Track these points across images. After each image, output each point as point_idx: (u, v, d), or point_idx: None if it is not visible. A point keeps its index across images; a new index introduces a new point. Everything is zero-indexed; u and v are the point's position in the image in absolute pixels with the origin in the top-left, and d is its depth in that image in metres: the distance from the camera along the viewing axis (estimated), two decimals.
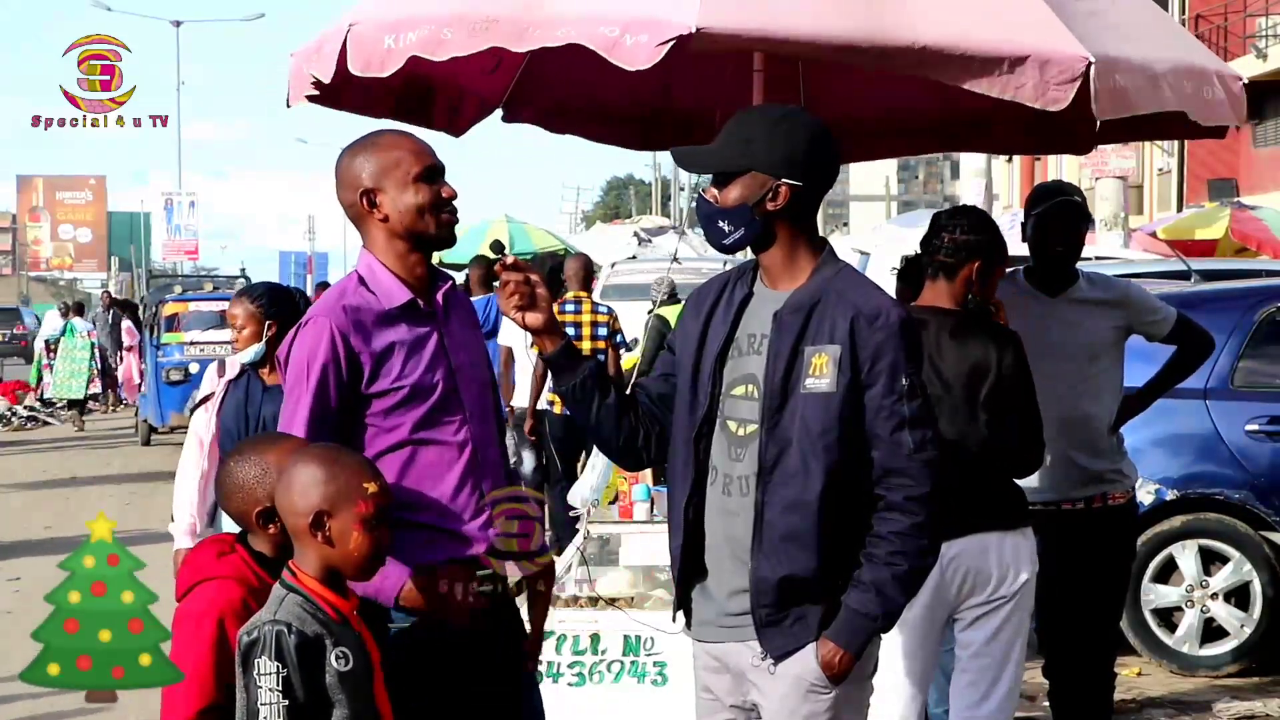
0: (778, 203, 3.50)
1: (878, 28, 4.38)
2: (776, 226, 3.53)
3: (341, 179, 3.67)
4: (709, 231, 3.60)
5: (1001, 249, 4.85)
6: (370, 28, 4.63)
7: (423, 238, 3.65)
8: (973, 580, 4.65)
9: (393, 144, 3.66)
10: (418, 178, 3.60)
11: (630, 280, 18.11)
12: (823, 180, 3.58)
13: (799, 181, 3.50)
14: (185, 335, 19.96)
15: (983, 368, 4.65)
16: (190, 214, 43.06)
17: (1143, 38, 4.89)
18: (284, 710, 2.97)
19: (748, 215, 3.52)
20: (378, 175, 3.62)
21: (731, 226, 3.55)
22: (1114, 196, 21.37)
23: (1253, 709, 6.97)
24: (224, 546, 3.35)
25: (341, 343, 3.54)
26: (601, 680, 5.34)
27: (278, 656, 2.98)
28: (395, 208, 3.61)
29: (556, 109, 6.17)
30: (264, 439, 3.57)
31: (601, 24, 4.30)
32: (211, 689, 3.13)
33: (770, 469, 3.45)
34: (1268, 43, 26.51)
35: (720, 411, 3.55)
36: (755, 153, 3.51)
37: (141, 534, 10.83)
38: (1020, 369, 4.67)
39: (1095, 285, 5.34)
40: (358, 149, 3.67)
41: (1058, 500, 5.13)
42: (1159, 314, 5.40)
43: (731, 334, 3.57)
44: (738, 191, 3.52)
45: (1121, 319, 5.31)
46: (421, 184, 3.61)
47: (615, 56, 4.27)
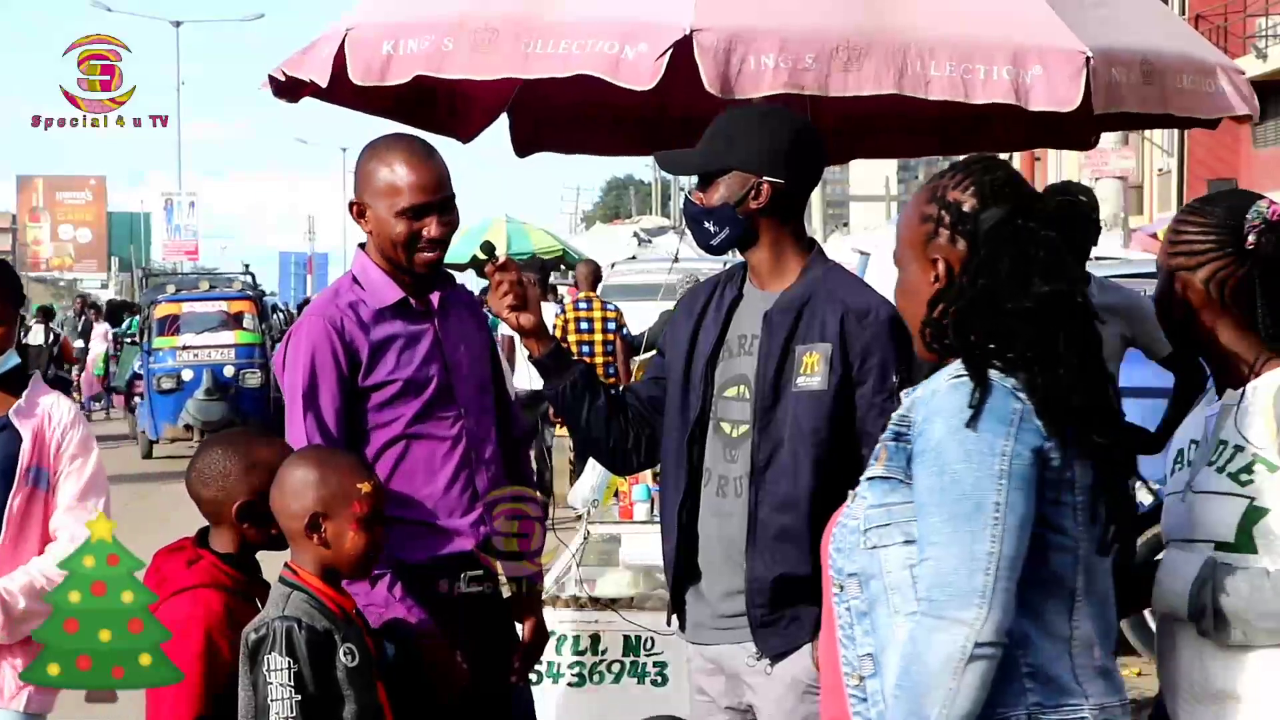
0: (760, 201, 3.50)
1: (877, 28, 4.38)
2: (760, 225, 3.53)
3: (355, 176, 3.71)
4: (696, 233, 3.61)
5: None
6: (368, 32, 4.55)
7: (397, 265, 3.66)
8: None
9: (399, 167, 3.62)
10: (402, 212, 3.59)
11: (630, 280, 18.11)
12: (807, 178, 3.58)
13: (781, 179, 3.50)
14: (179, 339, 18.34)
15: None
16: (190, 214, 43.07)
17: (1144, 31, 4.87)
18: (296, 705, 2.98)
19: (731, 214, 3.52)
20: (374, 192, 3.63)
21: (716, 227, 3.55)
22: (1114, 196, 21.39)
23: None
24: (189, 554, 3.31)
25: (337, 336, 3.55)
26: (601, 680, 5.34)
27: (288, 651, 2.99)
28: (377, 229, 3.64)
29: (562, 126, 6.13)
30: (240, 433, 3.56)
31: (599, 37, 4.27)
32: (201, 701, 3.12)
33: (763, 469, 3.46)
34: (1268, 43, 26.51)
35: (713, 413, 3.55)
36: (736, 151, 3.51)
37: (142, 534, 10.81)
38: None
39: (1106, 291, 5.29)
40: (373, 154, 3.68)
41: None
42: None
43: (722, 335, 3.57)
44: (721, 191, 3.53)
45: (1126, 328, 5.26)
46: (404, 219, 3.59)
47: (620, 78, 4.25)
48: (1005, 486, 2.39)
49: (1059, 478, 2.46)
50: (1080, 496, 2.48)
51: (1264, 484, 2.65)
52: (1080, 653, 2.51)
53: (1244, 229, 2.69)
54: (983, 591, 2.36)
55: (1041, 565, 2.45)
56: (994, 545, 2.38)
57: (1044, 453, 2.43)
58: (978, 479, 2.39)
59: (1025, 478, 2.41)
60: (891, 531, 2.53)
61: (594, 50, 4.29)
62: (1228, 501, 2.69)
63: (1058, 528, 2.48)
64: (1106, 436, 2.48)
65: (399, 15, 4.64)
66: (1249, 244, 2.69)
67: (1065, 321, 2.49)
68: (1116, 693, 2.54)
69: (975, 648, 2.36)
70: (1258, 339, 2.74)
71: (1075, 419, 2.45)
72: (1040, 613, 2.48)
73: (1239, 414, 2.72)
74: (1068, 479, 2.47)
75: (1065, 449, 2.46)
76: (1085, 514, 2.49)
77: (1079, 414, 2.46)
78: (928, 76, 4.32)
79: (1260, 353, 2.74)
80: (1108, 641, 2.58)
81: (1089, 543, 2.52)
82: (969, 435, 2.42)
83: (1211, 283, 2.72)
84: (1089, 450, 2.48)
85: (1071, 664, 2.50)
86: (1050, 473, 2.45)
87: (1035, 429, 2.44)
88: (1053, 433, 2.44)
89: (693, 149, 3.63)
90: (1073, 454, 2.47)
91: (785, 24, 4.35)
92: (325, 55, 4.60)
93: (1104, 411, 2.50)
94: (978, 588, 2.37)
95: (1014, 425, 2.42)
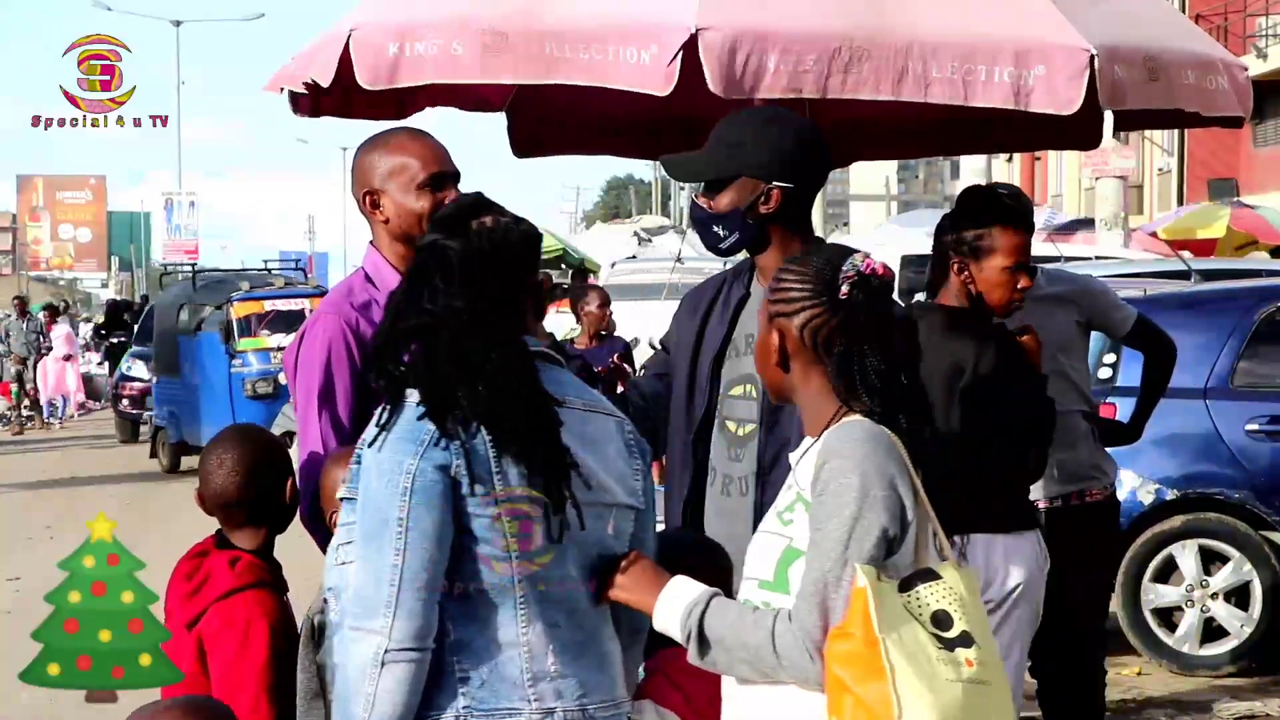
0: (770, 205, 3.51)
1: (877, 27, 4.37)
2: (770, 229, 3.54)
3: (354, 174, 3.65)
4: (704, 236, 3.61)
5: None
6: (371, 34, 4.50)
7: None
8: None
9: (404, 146, 3.60)
10: (423, 184, 3.54)
11: (630, 280, 18.09)
12: (813, 180, 3.59)
13: (790, 183, 3.51)
14: (269, 340, 16.54)
15: (959, 366, 4.61)
16: (190, 214, 43.06)
17: (1147, 27, 4.85)
18: None
19: (741, 219, 3.52)
20: (384, 176, 3.58)
21: (726, 231, 3.56)
22: (1114, 196, 21.38)
23: (1253, 709, 6.97)
24: (227, 554, 3.34)
25: (352, 335, 3.53)
26: None
27: None
28: (396, 212, 3.57)
29: (561, 126, 6.12)
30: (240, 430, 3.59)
31: (610, 42, 4.25)
32: (274, 700, 3.16)
33: (769, 468, 3.46)
34: (1268, 43, 26.52)
35: (718, 412, 3.55)
36: (744, 157, 3.52)
37: (142, 534, 10.82)
38: (1001, 366, 4.62)
39: (1053, 281, 5.31)
40: (372, 145, 3.64)
41: (1034, 499, 5.12)
42: (1120, 310, 5.37)
43: (729, 335, 3.57)
44: (730, 197, 3.53)
45: (1080, 313, 5.27)
46: (426, 190, 3.55)
47: (638, 83, 4.24)
48: (407, 502, 2.54)
49: (485, 492, 2.58)
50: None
51: (800, 525, 2.68)
52: (531, 658, 2.63)
53: (839, 280, 2.74)
54: (389, 601, 2.52)
55: (475, 575, 2.59)
56: (397, 558, 2.53)
57: (454, 470, 2.56)
58: (386, 496, 2.55)
59: (430, 493, 2.54)
60: (352, 549, 2.66)
61: (611, 57, 4.25)
62: (773, 540, 2.74)
63: (484, 539, 2.59)
64: (519, 445, 2.60)
65: (401, 17, 4.60)
66: (842, 294, 2.74)
67: (449, 339, 2.62)
68: (574, 697, 2.66)
69: (386, 654, 2.52)
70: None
71: (489, 430, 2.58)
72: (484, 619, 2.62)
73: (803, 460, 2.75)
74: (492, 492, 2.58)
75: (495, 461, 2.58)
76: (517, 524, 2.59)
77: (489, 424, 2.58)
78: (929, 78, 4.30)
79: (840, 404, 2.75)
80: (575, 648, 2.68)
81: (543, 552, 2.63)
82: (381, 455, 2.59)
83: (805, 330, 2.75)
84: (523, 459, 2.60)
85: (521, 669, 2.63)
86: (471, 487, 2.57)
87: (455, 447, 2.57)
88: (463, 447, 2.57)
89: (699, 154, 3.63)
90: (507, 465, 2.59)
91: (788, 24, 4.34)
92: (331, 61, 4.56)
93: (512, 420, 2.60)
94: (384, 599, 2.53)
95: (423, 445, 2.56)
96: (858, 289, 2.73)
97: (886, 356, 2.74)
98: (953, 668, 2.53)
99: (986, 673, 2.57)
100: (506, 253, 2.72)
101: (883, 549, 2.58)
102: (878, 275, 2.76)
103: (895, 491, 2.60)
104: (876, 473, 2.60)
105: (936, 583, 2.61)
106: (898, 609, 2.55)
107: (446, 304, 2.64)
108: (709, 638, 2.64)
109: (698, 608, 2.66)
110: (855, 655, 2.50)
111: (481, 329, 2.64)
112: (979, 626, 2.62)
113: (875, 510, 2.58)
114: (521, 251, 2.75)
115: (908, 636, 2.52)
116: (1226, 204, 20.06)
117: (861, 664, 2.50)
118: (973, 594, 2.66)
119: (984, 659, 2.58)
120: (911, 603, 2.57)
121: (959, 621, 2.59)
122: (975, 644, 2.58)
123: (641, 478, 2.83)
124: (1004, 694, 2.62)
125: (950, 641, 2.57)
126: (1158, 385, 5.56)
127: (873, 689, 2.48)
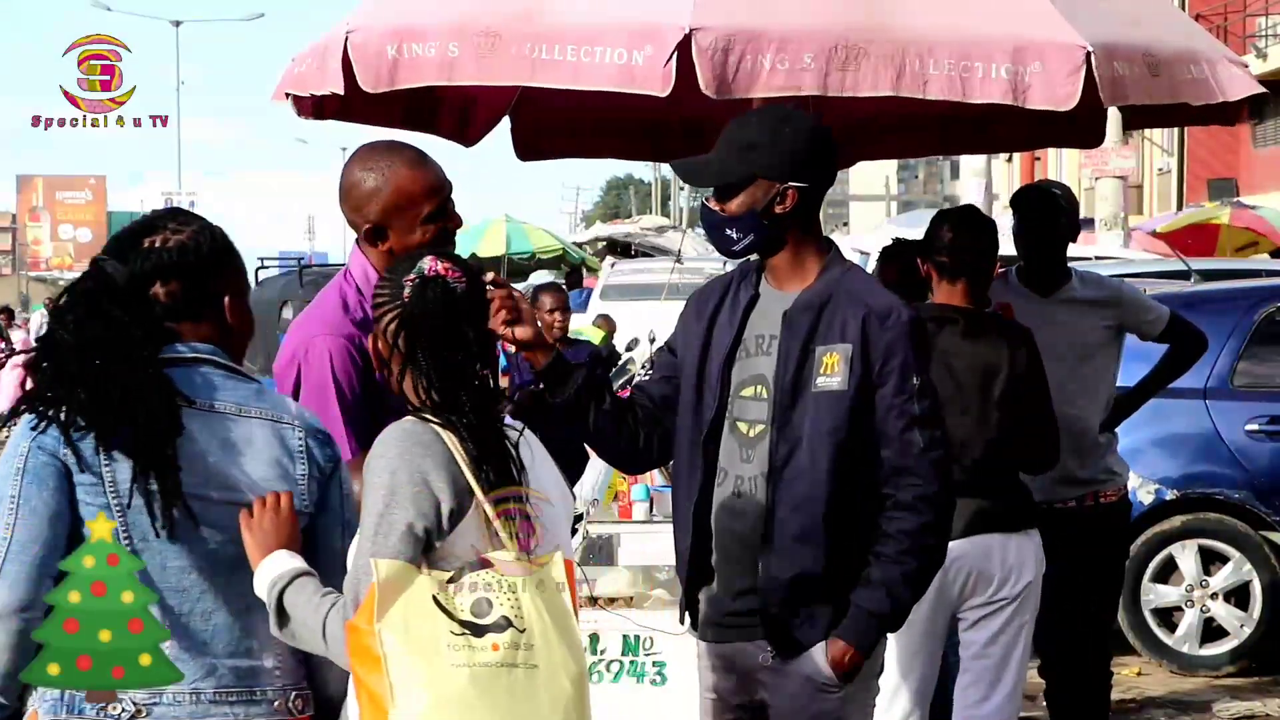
0: (786, 206, 3.50)
1: (874, 25, 4.37)
2: (785, 230, 3.53)
3: (347, 194, 3.52)
4: (717, 239, 3.59)
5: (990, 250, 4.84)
6: (369, 37, 4.50)
7: None
8: (974, 581, 4.65)
9: (405, 178, 3.48)
10: (430, 217, 3.47)
11: (630, 280, 18.11)
12: (825, 179, 3.59)
13: (805, 183, 3.50)
14: None
15: (995, 367, 4.64)
16: None
17: (1144, 24, 4.85)
18: None
19: (756, 221, 3.52)
20: (388, 213, 3.47)
21: (740, 233, 3.54)
22: (1114, 196, 21.36)
23: (1253, 709, 6.98)
24: None
25: (359, 355, 3.45)
26: (601, 680, 5.34)
27: None
28: (402, 243, 3.47)
29: (564, 129, 6.11)
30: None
31: (603, 43, 4.25)
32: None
33: (781, 468, 3.46)
34: (1268, 43, 26.53)
35: (729, 413, 3.55)
36: (758, 159, 3.50)
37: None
38: (1034, 367, 4.67)
39: (1088, 285, 5.33)
40: (368, 166, 3.50)
41: (1049, 500, 5.11)
42: (1152, 313, 5.40)
43: (739, 335, 3.56)
44: (744, 199, 3.52)
45: (1114, 318, 5.30)
46: (429, 225, 3.48)
47: (633, 85, 4.23)
48: (20, 481, 2.75)
49: (93, 482, 2.77)
50: (114, 499, 2.77)
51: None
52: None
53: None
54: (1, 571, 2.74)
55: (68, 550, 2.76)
56: (6, 531, 2.74)
57: (63, 456, 2.75)
58: (4, 475, 2.76)
59: (39, 474, 2.75)
60: None
61: (602, 59, 4.25)
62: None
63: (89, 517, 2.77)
64: (122, 442, 2.74)
65: (396, 19, 4.59)
66: (405, 296, 2.84)
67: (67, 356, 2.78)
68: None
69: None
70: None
71: (92, 426, 2.74)
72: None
73: None
74: (96, 477, 2.76)
75: (104, 454, 2.75)
76: (121, 505, 2.77)
77: (91, 421, 2.74)
78: (926, 75, 4.31)
79: (414, 401, 2.87)
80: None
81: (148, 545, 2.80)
82: (11, 439, 2.80)
83: (385, 334, 2.87)
84: (129, 455, 2.75)
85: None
86: (80, 475, 2.76)
87: (59, 436, 2.75)
88: (68, 437, 2.74)
89: (709, 157, 3.61)
90: (117, 459, 2.76)
91: (783, 23, 4.34)
92: (333, 66, 4.53)
93: (111, 418, 2.74)
94: None
95: (37, 430, 2.77)
96: (416, 291, 2.83)
97: (449, 353, 2.83)
98: (465, 653, 2.63)
99: (528, 656, 2.67)
100: (169, 270, 2.84)
101: (410, 543, 2.68)
102: (441, 276, 2.85)
103: (428, 487, 2.71)
104: (406, 470, 2.71)
105: (484, 572, 2.71)
106: (418, 600, 2.66)
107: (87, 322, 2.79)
108: (287, 612, 2.76)
109: (280, 582, 2.75)
110: (362, 647, 2.64)
111: (106, 345, 2.77)
112: (533, 611, 2.70)
113: (402, 506, 2.69)
114: (208, 261, 2.86)
115: (417, 626, 2.64)
116: (1226, 204, 20.05)
117: (367, 656, 2.63)
118: (541, 582, 2.74)
119: (528, 642, 2.67)
120: (445, 592, 2.68)
121: (499, 607, 2.68)
122: (513, 628, 2.67)
123: (308, 481, 2.88)
124: (555, 674, 2.69)
125: (480, 628, 2.66)
126: (1176, 367, 5.57)
127: (374, 679, 2.62)
